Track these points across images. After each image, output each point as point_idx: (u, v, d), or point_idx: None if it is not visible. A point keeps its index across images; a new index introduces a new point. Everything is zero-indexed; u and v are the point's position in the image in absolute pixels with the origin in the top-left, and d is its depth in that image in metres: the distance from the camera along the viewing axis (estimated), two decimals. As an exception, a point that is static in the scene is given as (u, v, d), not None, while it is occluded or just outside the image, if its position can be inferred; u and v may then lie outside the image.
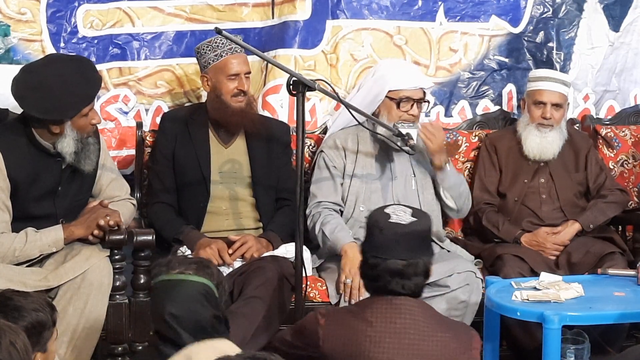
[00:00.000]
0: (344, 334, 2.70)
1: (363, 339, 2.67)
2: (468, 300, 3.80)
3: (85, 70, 3.55)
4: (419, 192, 4.07)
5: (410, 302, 2.70)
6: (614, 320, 3.46)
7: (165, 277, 2.63)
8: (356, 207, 4.02)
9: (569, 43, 4.79)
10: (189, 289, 2.59)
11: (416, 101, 4.01)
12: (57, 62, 3.57)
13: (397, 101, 3.99)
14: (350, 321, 2.71)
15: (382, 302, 2.71)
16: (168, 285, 2.61)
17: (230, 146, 4.05)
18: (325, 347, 2.72)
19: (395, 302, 2.69)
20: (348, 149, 4.08)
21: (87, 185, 3.69)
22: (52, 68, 3.51)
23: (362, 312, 2.72)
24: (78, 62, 3.63)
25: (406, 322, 2.67)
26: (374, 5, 4.56)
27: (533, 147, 4.29)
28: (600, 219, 4.24)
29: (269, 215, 4.03)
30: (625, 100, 4.92)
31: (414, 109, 4.00)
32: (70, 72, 3.49)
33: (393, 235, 2.68)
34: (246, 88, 3.96)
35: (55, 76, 3.46)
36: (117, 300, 3.54)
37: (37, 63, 3.65)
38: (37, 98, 3.44)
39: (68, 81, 3.46)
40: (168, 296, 2.60)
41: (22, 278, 3.37)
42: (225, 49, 3.92)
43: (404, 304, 2.69)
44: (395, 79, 4.04)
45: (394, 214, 2.72)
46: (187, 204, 4.01)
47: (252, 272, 3.65)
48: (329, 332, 2.72)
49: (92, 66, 3.63)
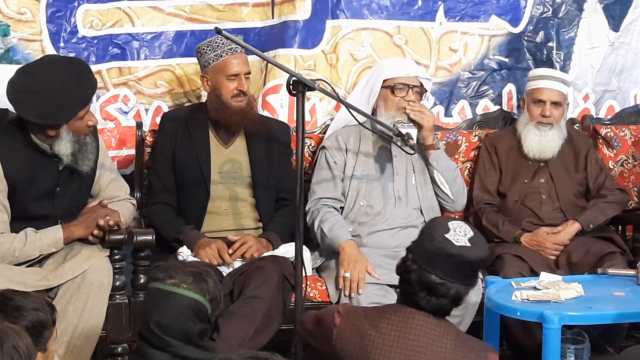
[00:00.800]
0: (355, 338, 2.66)
1: (372, 349, 2.63)
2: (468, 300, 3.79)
3: (80, 72, 3.52)
4: (418, 188, 4.08)
5: (431, 321, 2.63)
6: (614, 320, 3.46)
7: (160, 286, 2.63)
8: (357, 202, 4.03)
9: (569, 43, 4.79)
10: (180, 302, 2.60)
11: (412, 88, 4.02)
12: (53, 64, 3.53)
13: (391, 88, 4.01)
14: (365, 327, 2.66)
15: (401, 314, 2.65)
16: (161, 295, 2.62)
17: (230, 146, 4.05)
18: (337, 347, 2.69)
19: (414, 317, 2.63)
20: (349, 146, 4.08)
21: (86, 185, 3.69)
22: (47, 70, 3.47)
23: (379, 320, 2.66)
24: (74, 64, 3.59)
25: (420, 341, 2.61)
26: (373, 5, 4.57)
27: (532, 145, 4.29)
28: (600, 218, 4.24)
29: (268, 216, 4.03)
30: (625, 100, 4.92)
31: (410, 95, 4.01)
32: (65, 75, 3.46)
33: (440, 250, 2.60)
34: (246, 88, 3.95)
35: (51, 79, 3.43)
36: (117, 300, 3.54)
37: (32, 65, 3.61)
38: (32, 102, 3.41)
39: (64, 84, 3.43)
40: (158, 305, 2.61)
41: (22, 278, 3.37)
42: (225, 49, 3.92)
43: (422, 322, 2.63)
44: (388, 68, 4.10)
45: (453, 231, 2.63)
46: (187, 204, 4.00)
47: (252, 272, 3.65)
48: (342, 333, 2.69)
49: (87, 68, 3.60)
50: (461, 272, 2.62)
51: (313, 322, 2.85)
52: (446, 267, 2.60)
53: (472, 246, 2.62)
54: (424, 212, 4.07)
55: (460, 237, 2.62)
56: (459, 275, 2.62)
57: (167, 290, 2.61)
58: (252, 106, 4.05)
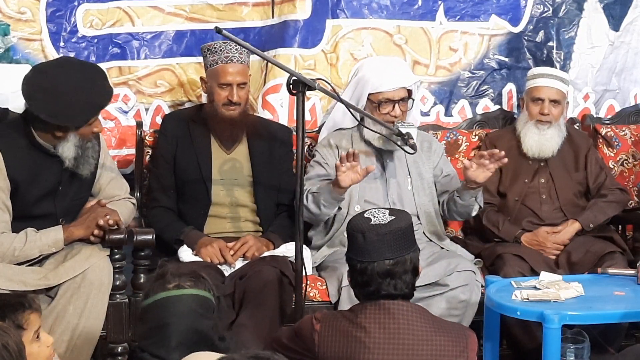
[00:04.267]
0: (338, 339, 2.71)
1: (357, 345, 2.67)
2: (468, 300, 3.79)
3: (98, 79, 3.51)
4: (414, 193, 4.06)
5: (404, 306, 2.71)
6: (614, 319, 3.46)
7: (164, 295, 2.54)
8: (350, 208, 3.98)
9: (569, 42, 4.79)
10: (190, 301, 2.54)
11: (398, 102, 3.95)
12: (71, 67, 3.51)
13: (376, 104, 3.96)
14: (345, 327, 2.71)
15: (375, 307, 2.71)
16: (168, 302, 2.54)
17: (232, 152, 4.02)
18: (321, 353, 2.72)
19: (389, 307, 2.69)
20: (342, 147, 4.05)
21: (87, 184, 3.68)
22: (65, 72, 3.46)
23: (356, 317, 2.72)
24: (91, 69, 3.58)
25: (400, 327, 2.67)
26: (374, 5, 4.57)
27: (532, 144, 4.29)
28: (600, 218, 4.24)
29: (269, 221, 4.02)
30: (625, 100, 4.92)
31: (396, 110, 3.93)
32: (83, 79, 3.45)
33: (376, 236, 2.69)
34: (237, 99, 3.87)
35: (68, 81, 3.42)
36: (117, 299, 3.54)
37: (50, 64, 3.61)
38: (47, 101, 3.40)
39: (80, 88, 3.42)
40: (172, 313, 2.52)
41: (22, 277, 3.37)
42: (222, 56, 3.87)
43: (397, 308, 2.69)
44: (373, 81, 3.96)
45: (373, 217, 2.74)
46: (188, 209, 3.99)
47: (252, 276, 3.65)
48: (324, 337, 2.73)
49: (104, 75, 3.58)
50: (404, 243, 2.72)
51: (289, 337, 2.88)
52: (390, 248, 2.69)
53: (397, 217, 2.75)
54: (420, 217, 4.04)
55: (382, 217, 2.74)
56: (403, 247, 2.71)
57: (173, 295, 2.55)
58: (247, 115, 4.00)
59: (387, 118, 3.92)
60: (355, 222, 2.78)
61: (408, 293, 2.74)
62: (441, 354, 2.67)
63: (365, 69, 4.08)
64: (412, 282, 2.74)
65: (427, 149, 4.14)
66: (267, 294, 3.59)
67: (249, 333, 3.48)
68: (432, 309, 3.50)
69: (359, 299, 2.79)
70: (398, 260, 2.69)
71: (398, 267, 2.69)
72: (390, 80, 3.95)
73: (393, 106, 3.94)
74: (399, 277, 2.69)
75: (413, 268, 2.73)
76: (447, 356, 2.67)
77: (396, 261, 2.69)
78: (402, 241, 2.72)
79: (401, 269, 2.69)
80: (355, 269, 2.73)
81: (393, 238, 2.70)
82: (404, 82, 3.98)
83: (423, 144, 4.10)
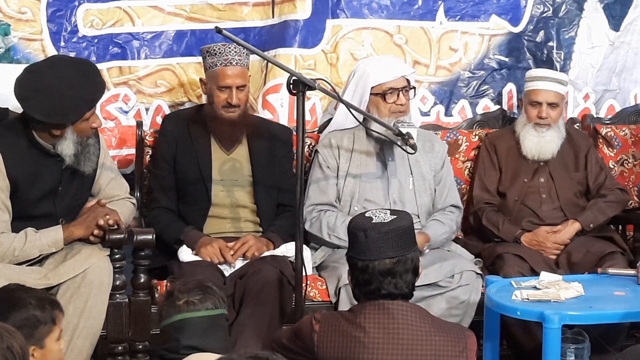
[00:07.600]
0: (338, 340, 2.70)
1: (357, 346, 2.67)
2: (468, 300, 3.80)
3: (89, 73, 3.53)
4: (415, 193, 4.06)
5: (404, 306, 2.70)
6: (614, 319, 3.46)
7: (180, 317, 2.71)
8: (351, 207, 4.00)
9: (569, 42, 4.79)
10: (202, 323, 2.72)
11: (401, 90, 4.00)
12: (61, 64, 3.53)
13: (382, 95, 3.99)
14: (345, 327, 2.71)
15: (374, 307, 2.70)
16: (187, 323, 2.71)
17: (232, 153, 4.02)
18: (320, 353, 2.72)
19: (388, 307, 2.69)
20: (343, 147, 4.07)
21: (87, 184, 3.69)
22: (56, 70, 3.48)
23: (356, 317, 2.71)
24: (82, 65, 3.60)
25: (400, 327, 2.67)
26: (374, 5, 4.56)
27: (531, 147, 4.29)
28: (600, 218, 4.24)
29: (269, 221, 4.01)
30: (625, 100, 4.92)
31: (401, 98, 3.99)
32: (74, 75, 3.47)
33: (378, 234, 2.69)
34: (236, 102, 3.88)
35: (59, 79, 3.44)
36: (117, 299, 3.54)
37: (40, 64, 3.63)
38: (40, 100, 3.41)
39: (72, 84, 3.44)
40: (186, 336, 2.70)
41: (22, 277, 3.36)
42: (222, 59, 3.87)
43: (397, 309, 2.69)
44: (374, 74, 4.03)
45: (374, 216, 2.75)
46: (188, 210, 3.99)
47: (252, 275, 3.65)
48: (323, 338, 2.73)
49: (95, 70, 3.61)
50: (404, 241, 2.71)
51: (289, 337, 2.88)
52: (392, 246, 2.69)
53: (398, 216, 2.75)
54: (421, 217, 4.05)
55: (384, 216, 2.75)
56: (404, 244, 2.71)
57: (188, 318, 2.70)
58: (247, 115, 4.00)
59: (394, 108, 3.98)
60: (356, 221, 2.78)
61: (408, 293, 2.74)
62: (440, 354, 2.66)
63: (363, 67, 4.14)
64: (412, 281, 2.74)
65: (430, 149, 4.15)
66: (267, 293, 3.59)
67: (248, 333, 3.48)
68: (432, 309, 3.52)
69: (358, 300, 2.79)
70: (399, 259, 2.69)
71: (399, 266, 2.69)
72: (390, 70, 4.03)
73: (398, 95, 3.97)
74: (400, 276, 2.69)
75: (414, 268, 2.73)
76: (446, 356, 2.67)
77: (398, 260, 2.69)
78: (404, 240, 2.72)
79: (402, 268, 2.69)
80: (356, 267, 2.73)
81: (395, 236, 2.70)
82: (403, 71, 4.07)
83: (425, 143, 4.12)
